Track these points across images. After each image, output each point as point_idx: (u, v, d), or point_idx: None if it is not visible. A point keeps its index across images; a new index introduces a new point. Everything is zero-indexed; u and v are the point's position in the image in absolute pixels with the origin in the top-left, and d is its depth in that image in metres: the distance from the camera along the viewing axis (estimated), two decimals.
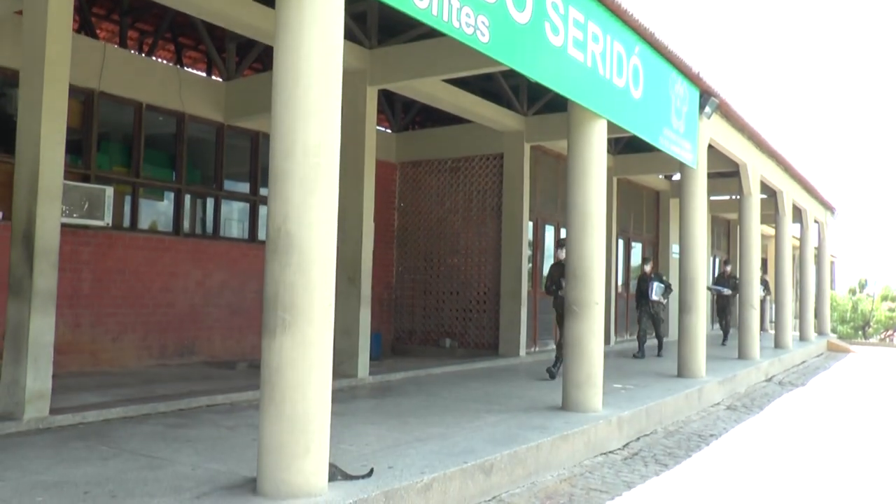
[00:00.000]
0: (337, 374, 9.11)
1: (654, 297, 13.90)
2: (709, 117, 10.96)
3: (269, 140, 4.27)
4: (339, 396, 8.21)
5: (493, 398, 8.32)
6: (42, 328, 6.19)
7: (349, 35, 9.22)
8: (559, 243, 11.28)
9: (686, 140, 10.22)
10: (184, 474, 4.69)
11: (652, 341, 14.83)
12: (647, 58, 8.68)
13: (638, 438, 7.83)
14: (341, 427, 6.04)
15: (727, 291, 17.63)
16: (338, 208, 9.02)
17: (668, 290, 14.20)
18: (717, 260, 23.45)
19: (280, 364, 4.08)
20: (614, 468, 6.56)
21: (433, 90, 10.37)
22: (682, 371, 10.89)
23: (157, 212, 10.54)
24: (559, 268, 10.39)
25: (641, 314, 14.29)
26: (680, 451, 7.40)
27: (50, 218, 6.24)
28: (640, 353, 13.97)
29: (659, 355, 14.05)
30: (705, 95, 10.73)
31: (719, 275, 18.67)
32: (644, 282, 14.17)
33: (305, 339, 4.09)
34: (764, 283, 18.16)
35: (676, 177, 19.59)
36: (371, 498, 4.24)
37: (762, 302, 18.74)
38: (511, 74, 11.96)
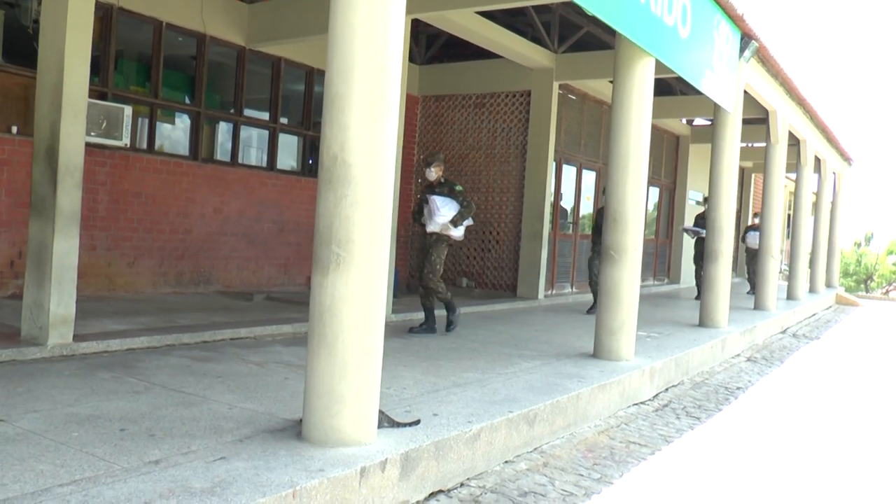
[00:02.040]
0: None
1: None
2: (747, 61, 10.59)
3: (326, 62, 3.93)
4: None
5: (520, 342, 8.12)
6: (66, 250, 5.93)
7: None
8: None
9: (725, 83, 9.85)
10: (221, 413, 4.47)
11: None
12: None
13: (666, 389, 7.66)
14: None
15: (706, 234, 14.90)
16: None
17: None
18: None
19: (333, 303, 3.81)
20: (648, 420, 6.39)
21: (466, 22, 9.93)
22: (705, 320, 10.70)
23: (175, 135, 10.18)
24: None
25: (594, 257, 11.03)
26: (709, 403, 7.24)
27: (74, 134, 5.92)
28: (593, 309, 10.56)
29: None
30: (746, 38, 10.33)
31: (699, 215, 15.34)
32: (602, 216, 10.20)
33: (361, 276, 3.81)
34: (755, 229, 16.81)
35: (697, 122, 19.27)
36: (422, 448, 4.02)
37: (757, 252, 16.09)
38: (544, 10, 11.54)
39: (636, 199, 7.53)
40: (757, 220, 17.15)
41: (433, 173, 8.31)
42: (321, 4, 9.74)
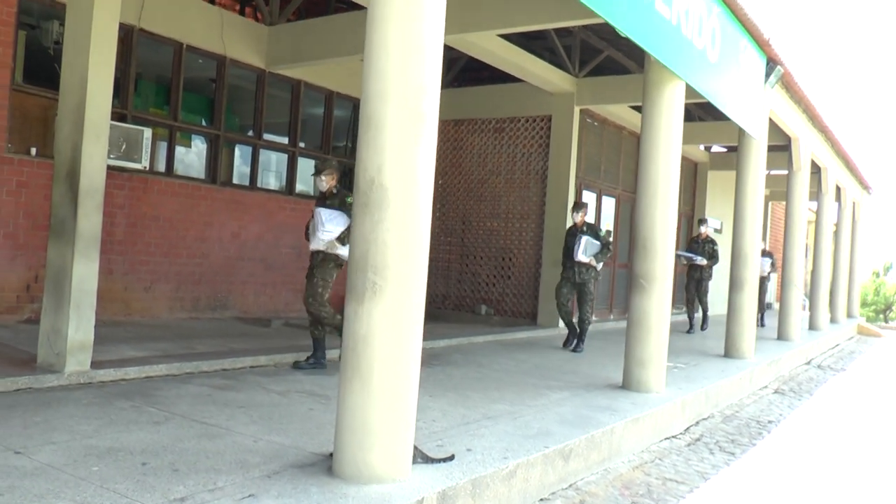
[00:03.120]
0: None
1: (582, 256, 9.71)
2: (772, 87, 10.43)
3: (362, 82, 3.78)
4: None
5: (545, 372, 7.91)
6: (85, 274, 5.77)
7: None
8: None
9: (751, 109, 9.69)
10: (246, 447, 4.28)
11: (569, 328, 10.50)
12: (723, 20, 8.14)
13: (697, 422, 7.43)
14: None
15: (700, 260, 13.28)
16: None
17: (604, 250, 9.86)
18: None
19: (368, 332, 3.63)
20: (682, 455, 6.17)
21: (488, 44, 9.82)
22: (730, 351, 10.47)
23: (194, 158, 10.08)
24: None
25: (563, 282, 10.03)
26: (742, 438, 7.00)
27: (96, 156, 5.77)
28: (571, 344, 10.16)
29: (576, 350, 9.97)
30: (771, 63, 10.18)
31: (693, 238, 13.98)
32: (571, 236, 10.00)
33: (398, 305, 3.63)
34: (768, 255, 15.94)
35: (715, 148, 19.11)
36: (459, 486, 3.82)
37: (764, 280, 15.82)
38: (564, 33, 11.43)
39: (665, 226, 7.35)
40: (763, 246, 15.76)
41: (324, 183, 7.31)
42: (342, 27, 9.71)
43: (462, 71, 13.10)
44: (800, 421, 7.94)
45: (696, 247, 13.53)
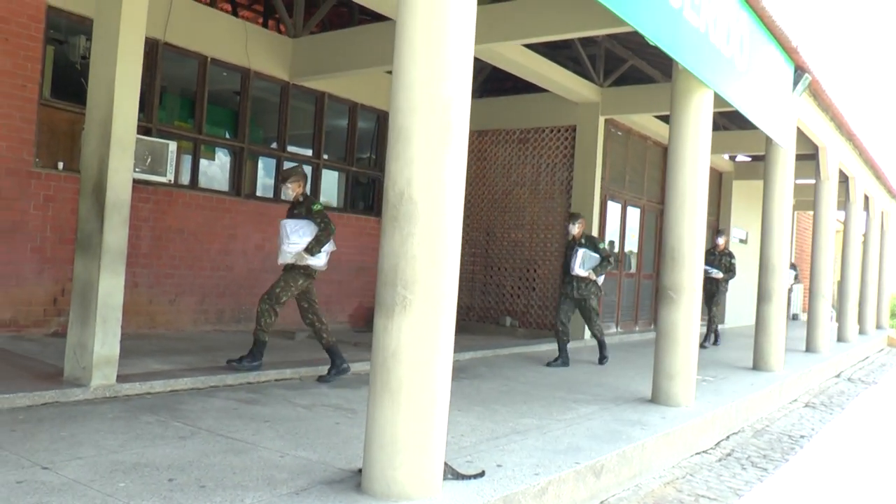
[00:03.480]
0: None
1: (579, 270, 9.24)
2: (800, 95, 10.30)
3: (391, 94, 3.73)
4: None
5: (572, 385, 7.81)
6: (111, 288, 5.76)
7: None
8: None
9: (779, 118, 9.56)
10: (272, 462, 4.22)
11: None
12: (751, 28, 8.04)
13: (727, 437, 7.30)
14: None
15: (716, 273, 12.61)
16: None
17: (604, 263, 9.38)
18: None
19: (398, 348, 3.57)
20: (713, 471, 6.04)
21: (513, 54, 9.77)
22: (759, 363, 10.31)
23: (218, 170, 10.09)
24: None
25: (562, 299, 9.60)
26: (774, 453, 6.85)
27: (122, 170, 5.77)
28: (557, 360, 9.38)
29: (600, 363, 9.74)
30: (799, 71, 10.05)
31: (708, 250, 12.72)
32: (569, 249, 9.55)
33: (428, 319, 3.57)
34: (792, 266, 15.13)
35: (740, 158, 18.93)
36: (490, 503, 3.75)
37: (787, 291, 14.44)
38: (589, 42, 11.37)
39: (694, 237, 7.24)
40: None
41: (290, 191, 7.11)
42: (366, 39, 9.70)
43: (486, 81, 13.06)
44: (833, 436, 7.78)
45: (712, 259, 12.79)
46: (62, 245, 8.22)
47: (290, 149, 10.71)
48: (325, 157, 11.22)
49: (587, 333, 12.21)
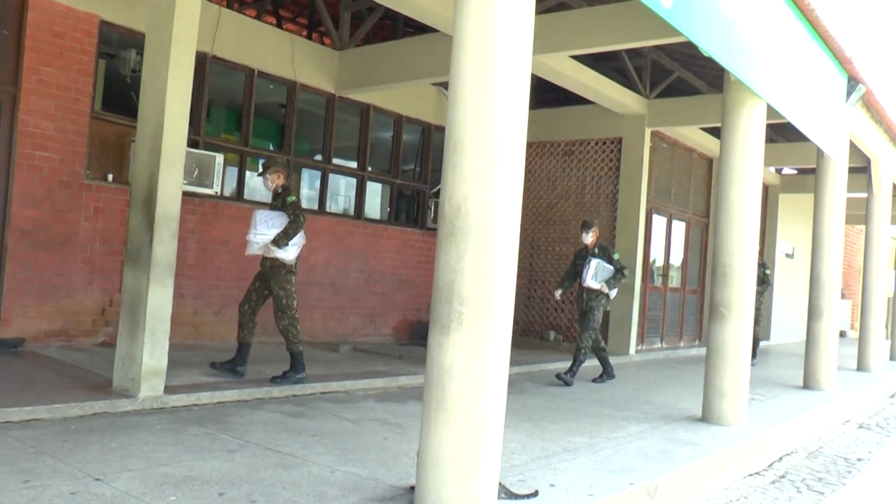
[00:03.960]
0: None
1: (592, 282, 8.86)
2: (853, 106, 10.07)
3: (448, 106, 3.68)
4: None
5: (620, 402, 7.68)
6: (160, 300, 5.77)
7: None
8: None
9: (831, 129, 9.35)
10: (322, 478, 4.18)
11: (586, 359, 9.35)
12: (804, 38, 7.88)
13: (780, 458, 7.10)
14: None
15: None
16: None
17: (618, 275, 8.98)
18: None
19: (454, 365, 3.50)
20: (767, 494, 5.86)
21: (560, 66, 9.70)
22: (809, 382, 10.07)
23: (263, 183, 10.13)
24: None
25: (581, 314, 9.19)
26: (830, 476, 6.64)
27: (172, 183, 5.80)
28: (602, 376, 9.22)
29: (561, 378, 8.64)
30: (852, 82, 9.83)
31: None
32: (581, 259, 9.28)
33: (485, 336, 3.50)
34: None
35: (786, 171, 18.60)
36: None
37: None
38: (635, 54, 11.25)
39: (745, 253, 7.09)
40: None
41: (269, 182, 6.96)
42: (411, 51, 9.70)
43: (530, 92, 12.97)
44: (891, 459, 7.54)
45: None
46: (111, 256, 8.30)
47: (336, 161, 10.73)
48: (370, 169, 11.22)
49: (632, 348, 12.05)
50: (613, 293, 9.18)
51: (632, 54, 11.23)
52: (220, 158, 8.63)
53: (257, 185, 10.02)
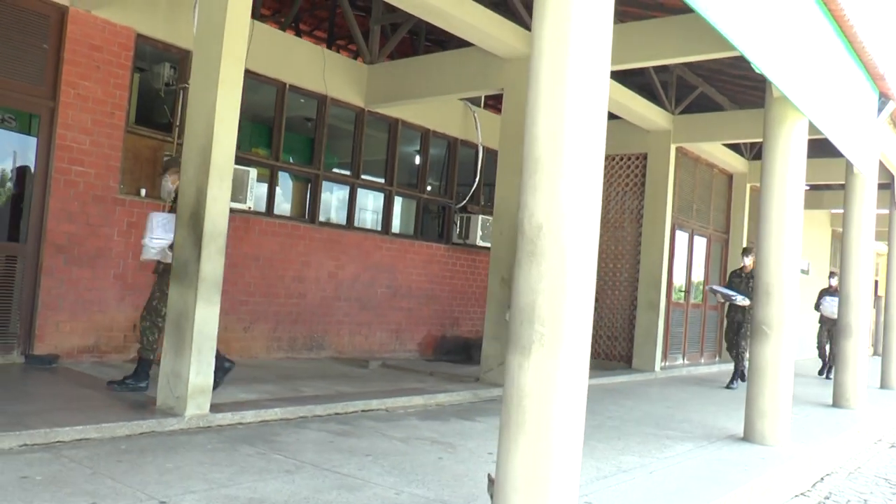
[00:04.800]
0: (485, 382, 8.56)
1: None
2: (884, 121, 10.06)
3: (526, 121, 3.64)
4: (498, 409, 7.58)
5: (659, 420, 7.61)
6: (207, 317, 5.73)
7: (512, 17, 8.62)
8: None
9: (863, 145, 9.33)
10: (388, 499, 4.11)
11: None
12: (842, 55, 7.86)
13: (822, 479, 7.02)
14: None
15: (742, 299, 10.72)
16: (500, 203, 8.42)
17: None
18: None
19: (535, 387, 3.45)
20: None
21: None
22: (839, 401, 10.00)
23: (293, 197, 10.11)
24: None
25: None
26: (874, 498, 6.55)
27: (220, 199, 5.76)
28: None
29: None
30: (883, 99, 9.81)
31: (734, 272, 11.57)
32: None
33: (567, 357, 3.45)
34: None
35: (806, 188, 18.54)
36: None
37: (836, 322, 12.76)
38: (661, 69, 11.23)
39: (789, 271, 7.04)
40: (834, 282, 13.19)
41: (169, 183, 6.59)
42: (441, 66, 9.70)
43: None
44: None
45: (737, 282, 11.20)
46: (142, 272, 8.23)
47: (364, 175, 10.69)
48: (397, 184, 11.17)
49: (657, 364, 11.99)
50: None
51: (658, 69, 11.21)
52: (253, 173, 8.59)
53: (289, 201, 10.01)
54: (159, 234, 6.38)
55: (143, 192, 8.26)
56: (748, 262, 11.02)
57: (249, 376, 7.90)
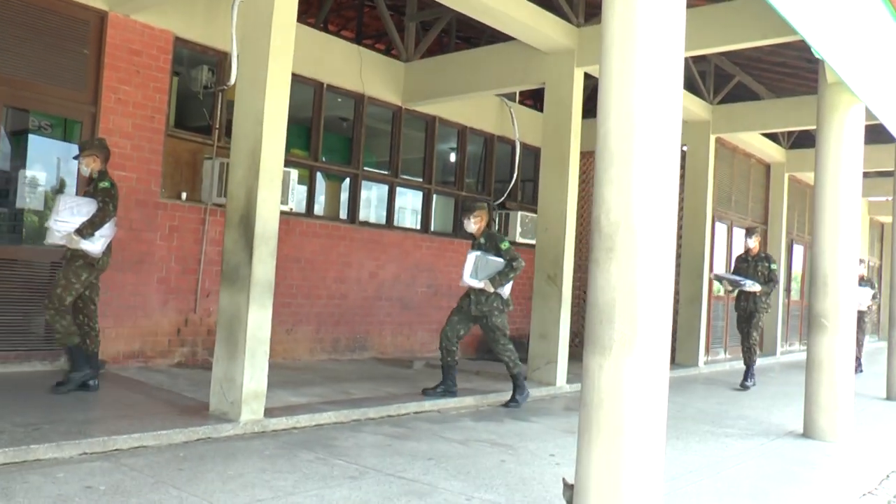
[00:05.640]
0: (533, 380, 8.44)
1: (470, 280, 7.10)
2: None
3: (598, 117, 3.52)
4: (549, 408, 7.53)
5: (713, 417, 7.47)
6: (260, 321, 5.64)
7: (554, 11, 8.48)
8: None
9: None
10: None
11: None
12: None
13: (888, 476, 6.83)
14: None
15: (751, 285, 9.84)
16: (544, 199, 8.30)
17: (506, 270, 7.05)
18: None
19: (618, 389, 3.33)
20: None
21: None
22: (892, 393, 9.81)
23: (332, 198, 10.03)
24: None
25: (454, 311, 7.54)
26: None
27: (270, 201, 5.67)
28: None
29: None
30: None
31: (740, 256, 10.43)
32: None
33: (649, 357, 3.34)
34: (868, 283, 12.80)
35: None
36: None
37: (863, 315, 12.62)
38: (699, 59, 11.03)
39: (846, 262, 6.87)
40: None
41: (84, 167, 6.28)
42: (476, 63, 9.58)
43: (588, 100, 12.80)
44: None
45: (744, 266, 10.17)
46: (185, 276, 8.21)
47: (402, 174, 10.58)
48: (436, 182, 11.06)
49: (701, 360, 11.80)
50: (506, 291, 7.22)
51: (696, 59, 11.01)
52: (294, 174, 8.50)
53: (329, 201, 9.93)
54: (65, 217, 5.99)
55: (183, 195, 8.22)
56: (753, 243, 10.12)
57: (297, 379, 7.83)
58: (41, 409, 5.52)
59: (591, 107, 12.76)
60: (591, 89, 9.68)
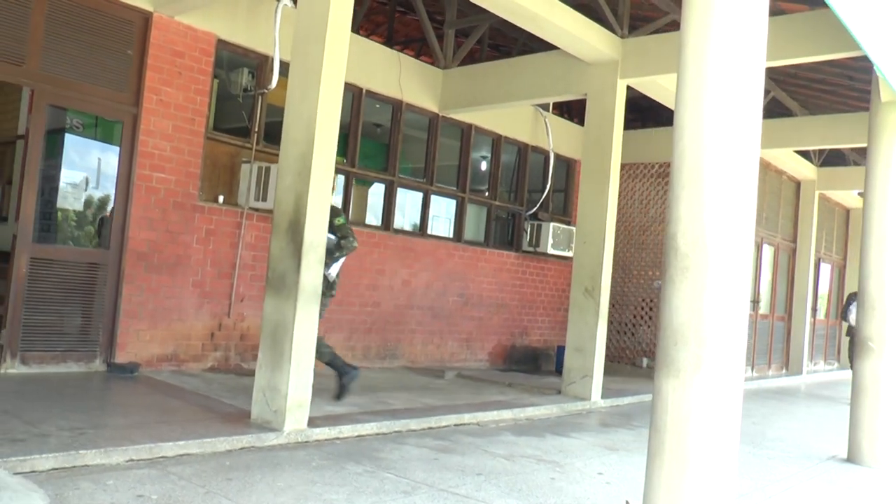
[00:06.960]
0: (568, 395, 8.35)
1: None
2: None
3: (674, 134, 3.45)
4: (586, 423, 7.44)
5: (753, 438, 7.36)
6: (307, 330, 5.56)
7: (599, 22, 8.41)
8: None
9: None
10: None
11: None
12: None
13: None
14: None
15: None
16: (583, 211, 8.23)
17: (338, 248, 6.61)
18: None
19: (693, 412, 3.24)
20: None
21: (666, 83, 9.42)
22: None
23: (368, 204, 9.97)
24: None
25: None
26: None
27: (321, 207, 5.60)
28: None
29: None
30: None
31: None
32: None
33: (723, 379, 3.25)
34: None
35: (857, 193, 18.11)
36: None
37: None
38: None
39: (894, 284, 6.75)
40: None
41: None
42: (514, 72, 9.55)
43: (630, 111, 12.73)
44: None
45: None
46: (220, 280, 8.16)
47: (437, 182, 10.51)
48: (470, 190, 10.98)
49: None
50: (334, 271, 6.81)
51: None
52: (337, 180, 8.44)
53: (366, 208, 9.87)
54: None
55: (220, 198, 8.17)
56: None
57: (332, 387, 7.75)
58: (83, 412, 5.47)
59: (630, 118, 12.73)
60: (631, 101, 9.60)
